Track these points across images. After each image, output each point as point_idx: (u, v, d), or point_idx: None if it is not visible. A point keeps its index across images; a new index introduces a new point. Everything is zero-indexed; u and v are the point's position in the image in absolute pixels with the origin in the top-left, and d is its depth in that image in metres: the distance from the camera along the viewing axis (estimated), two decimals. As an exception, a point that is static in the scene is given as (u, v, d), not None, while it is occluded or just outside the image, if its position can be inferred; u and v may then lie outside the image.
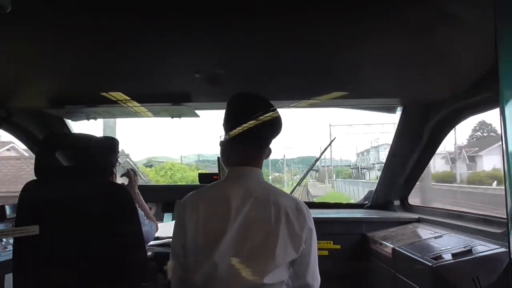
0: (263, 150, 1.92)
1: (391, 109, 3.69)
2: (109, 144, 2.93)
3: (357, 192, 24.77)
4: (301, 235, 1.77)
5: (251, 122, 1.86)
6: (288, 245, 1.73)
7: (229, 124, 1.90)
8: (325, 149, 5.02)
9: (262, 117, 1.87)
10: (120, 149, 3.10)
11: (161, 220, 4.05)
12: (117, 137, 2.99)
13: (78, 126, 3.96)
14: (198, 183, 3.74)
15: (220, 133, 1.95)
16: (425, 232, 3.24)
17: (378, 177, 4.40)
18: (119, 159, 3.04)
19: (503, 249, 2.37)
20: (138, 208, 2.64)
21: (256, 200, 1.78)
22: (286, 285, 1.79)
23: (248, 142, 1.85)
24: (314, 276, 1.88)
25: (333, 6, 1.76)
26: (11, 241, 2.82)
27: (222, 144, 1.92)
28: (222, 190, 1.88)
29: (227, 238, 1.71)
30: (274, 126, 1.90)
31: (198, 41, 2.15)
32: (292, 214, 1.76)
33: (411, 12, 1.81)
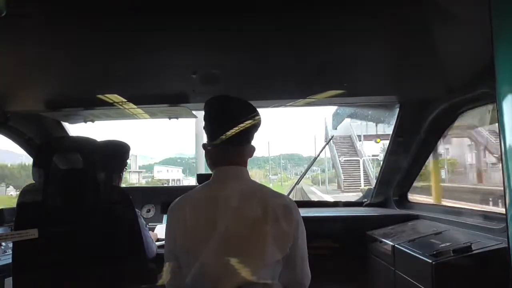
0: (245, 148, 1.93)
1: (388, 107, 3.69)
2: (116, 149, 2.92)
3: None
4: (289, 232, 1.77)
5: (229, 123, 1.88)
6: (277, 243, 1.73)
7: (208, 128, 1.92)
8: (323, 148, 5.04)
9: (238, 116, 1.89)
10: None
11: (160, 221, 4.05)
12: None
13: (75, 129, 3.97)
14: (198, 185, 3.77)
15: None
16: (425, 229, 3.24)
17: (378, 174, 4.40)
18: (127, 165, 3.03)
19: (503, 245, 2.36)
20: (140, 217, 2.64)
21: (242, 199, 1.79)
22: (277, 282, 1.79)
23: (229, 142, 1.86)
24: (304, 273, 1.88)
25: (330, 5, 1.76)
26: (10, 245, 2.82)
27: (205, 147, 1.93)
28: (208, 191, 1.89)
29: (215, 238, 1.71)
30: (251, 124, 1.91)
31: (194, 41, 2.15)
32: (279, 212, 1.77)
33: (407, 10, 1.81)
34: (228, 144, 1.87)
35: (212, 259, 1.71)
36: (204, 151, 1.98)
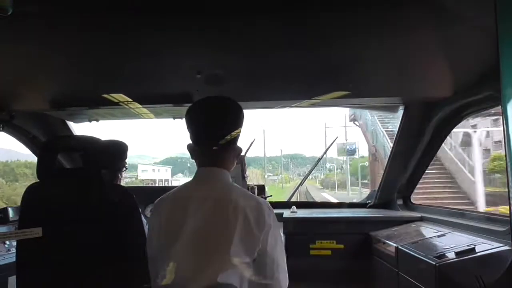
0: (227, 149, 1.90)
1: (393, 108, 3.69)
2: (116, 148, 2.93)
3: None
4: (259, 236, 1.74)
5: (209, 124, 1.88)
6: (245, 246, 1.71)
7: (190, 128, 1.91)
8: (327, 148, 5.03)
9: (219, 117, 1.88)
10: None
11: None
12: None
13: (79, 128, 3.98)
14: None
15: None
16: (428, 231, 3.24)
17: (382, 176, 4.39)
18: (126, 165, 3.04)
19: (506, 247, 2.37)
20: (142, 216, 2.64)
21: (214, 200, 1.78)
22: (247, 285, 1.77)
23: (209, 144, 1.86)
24: (275, 279, 1.80)
25: (334, 5, 1.77)
26: (14, 243, 2.83)
27: (189, 147, 1.93)
28: (185, 191, 1.90)
29: (184, 238, 1.72)
30: (231, 125, 1.89)
31: (199, 42, 2.15)
32: (250, 214, 1.74)
33: (412, 11, 1.81)
34: (209, 146, 1.87)
35: (181, 259, 1.72)
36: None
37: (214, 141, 1.85)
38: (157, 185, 15.74)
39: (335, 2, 1.76)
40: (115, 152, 2.93)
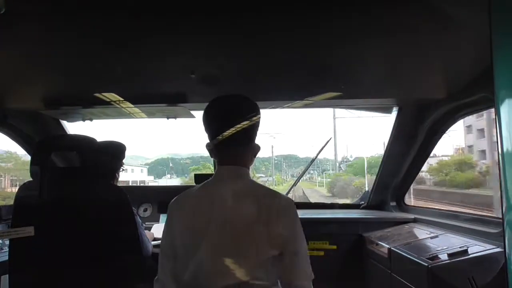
0: (246, 147, 1.93)
1: (386, 110, 3.69)
2: (114, 149, 2.92)
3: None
4: (282, 231, 1.77)
5: (227, 123, 1.87)
6: (270, 242, 1.73)
7: (208, 128, 1.92)
8: (321, 149, 5.01)
9: (236, 116, 1.88)
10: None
11: (157, 221, 4.05)
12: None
13: (73, 127, 3.97)
14: (194, 184, 3.77)
15: None
16: (421, 232, 3.25)
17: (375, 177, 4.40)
18: (123, 165, 3.04)
19: (498, 249, 2.37)
20: (136, 216, 2.64)
21: (238, 197, 1.80)
22: (274, 282, 1.79)
23: (228, 143, 1.87)
24: (301, 272, 1.84)
25: (329, 6, 1.77)
26: (7, 242, 2.82)
27: (208, 146, 1.94)
28: (208, 189, 1.90)
29: (211, 236, 1.73)
30: (249, 124, 1.90)
31: (193, 41, 2.15)
32: (273, 210, 1.77)
33: (406, 12, 1.82)
34: (228, 145, 1.87)
35: (207, 256, 1.73)
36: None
37: (232, 139, 1.86)
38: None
39: (329, 4, 1.76)
40: (111, 152, 2.93)
